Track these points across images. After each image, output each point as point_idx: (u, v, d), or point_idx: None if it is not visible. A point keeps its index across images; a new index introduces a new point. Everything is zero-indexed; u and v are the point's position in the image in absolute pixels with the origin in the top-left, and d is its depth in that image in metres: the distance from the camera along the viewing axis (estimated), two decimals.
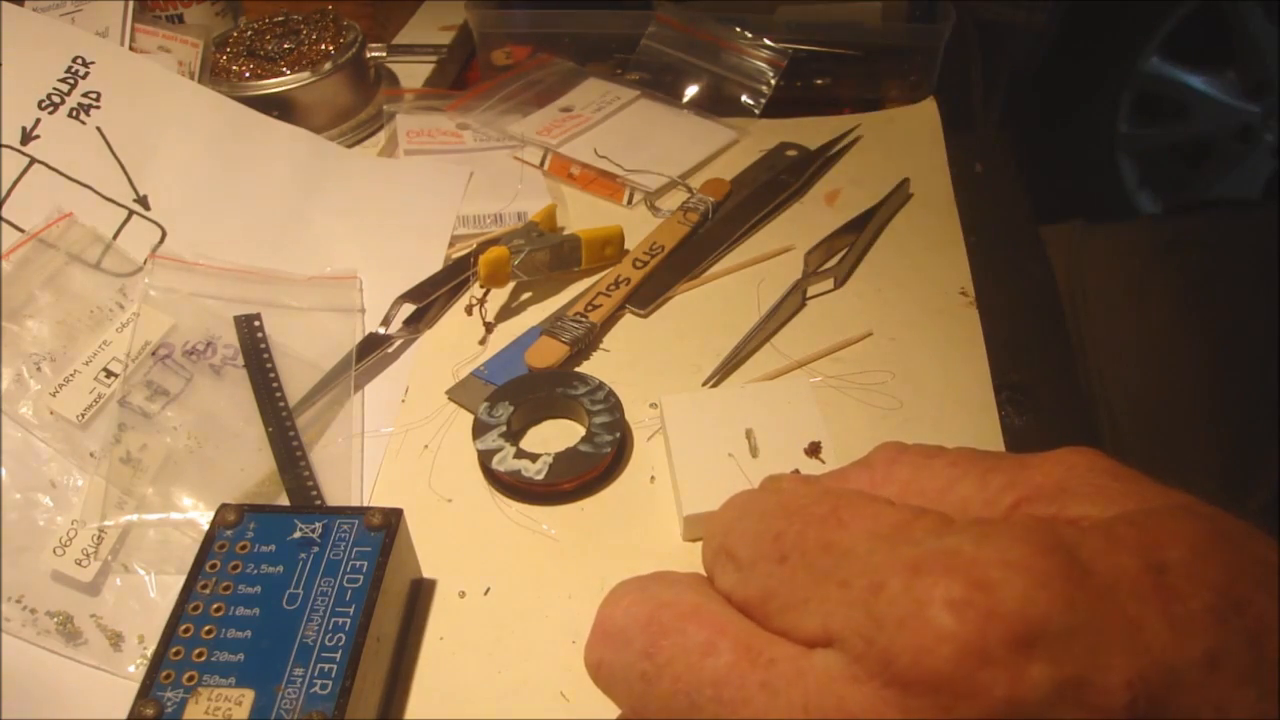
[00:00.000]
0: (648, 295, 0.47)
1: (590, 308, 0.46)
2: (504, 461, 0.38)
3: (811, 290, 0.47)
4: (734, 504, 0.25)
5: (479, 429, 0.40)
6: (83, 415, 0.41)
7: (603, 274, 0.48)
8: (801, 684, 0.20)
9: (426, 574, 0.36)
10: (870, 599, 0.19)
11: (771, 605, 0.22)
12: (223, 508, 0.33)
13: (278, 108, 0.57)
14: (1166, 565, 0.18)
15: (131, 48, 0.57)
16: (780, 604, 0.21)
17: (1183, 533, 0.19)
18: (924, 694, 0.18)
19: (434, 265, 0.50)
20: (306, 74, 0.59)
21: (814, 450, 0.37)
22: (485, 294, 0.47)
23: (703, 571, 0.25)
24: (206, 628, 0.29)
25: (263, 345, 0.44)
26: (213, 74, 0.59)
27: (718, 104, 0.61)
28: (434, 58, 0.70)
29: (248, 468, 0.40)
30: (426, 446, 0.41)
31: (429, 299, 0.47)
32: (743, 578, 0.23)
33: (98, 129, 0.50)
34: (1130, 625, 0.18)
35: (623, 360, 0.45)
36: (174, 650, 0.29)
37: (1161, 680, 0.17)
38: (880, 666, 0.18)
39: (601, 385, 0.41)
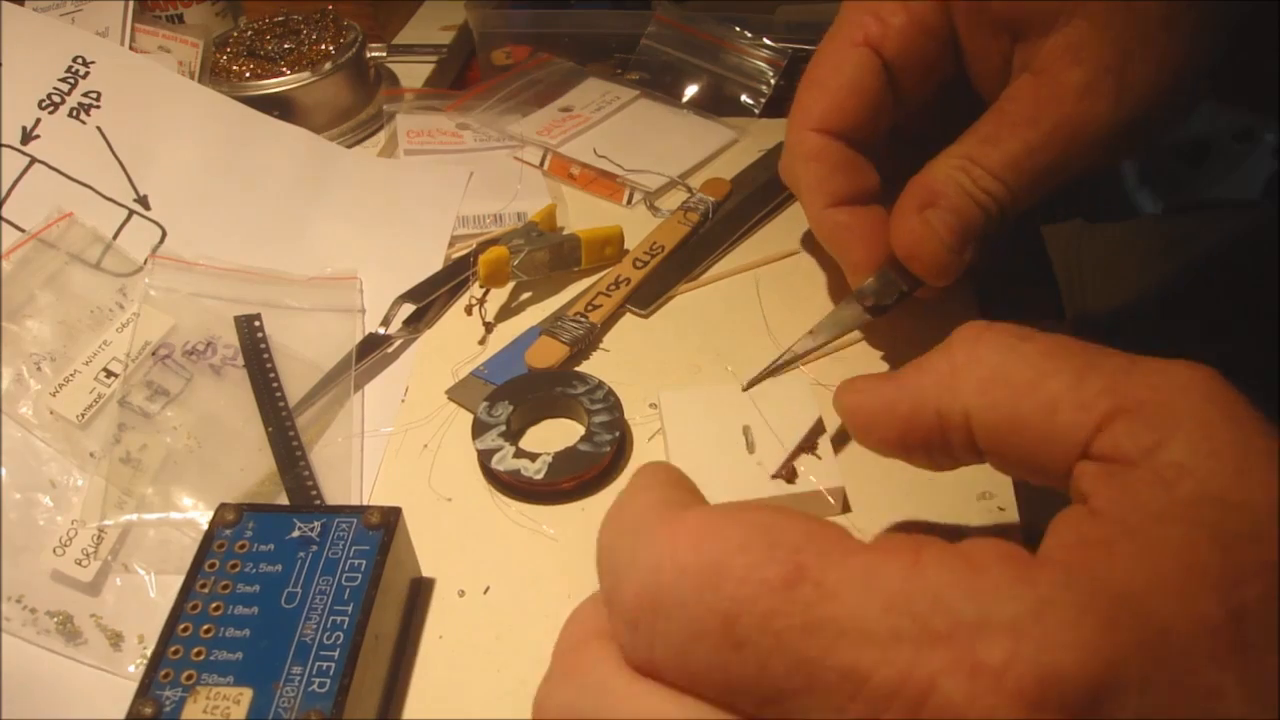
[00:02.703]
0: (648, 295, 0.47)
1: (590, 308, 0.46)
2: (503, 461, 0.38)
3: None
4: (606, 541, 0.22)
5: (478, 428, 0.40)
6: (83, 415, 0.41)
7: (603, 274, 0.48)
8: None
9: (426, 573, 0.36)
10: (918, 704, 0.16)
11: (739, 702, 0.18)
12: (221, 507, 0.33)
13: (278, 108, 0.57)
14: (1245, 610, 0.17)
15: (131, 48, 0.57)
16: (752, 701, 0.18)
17: (1261, 560, 0.17)
18: None
19: (434, 265, 0.50)
20: (306, 74, 0.59)
21: (811, 447, 0.37)
22: (485, 294, 0.47)
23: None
24: (205, 627, 0.30)
25: (263, 345, 0.44)
26: (213, 74, 0.59)
27: (718, 104, 0.61)
28: (434, 58, 0.70)
29: (248, 468, 0.40)
30: (426, 446, 0.41)
31: (429, 299, 0.47)
32: (671, 661, 0.19)
33: (98, 129, 0.50)
34: (1210, 695, 0.16)
35: (623, 360, 0.45)
36: (173, 649, 0.29)
37: None
38: None
39: (601, 385, 0.41)
